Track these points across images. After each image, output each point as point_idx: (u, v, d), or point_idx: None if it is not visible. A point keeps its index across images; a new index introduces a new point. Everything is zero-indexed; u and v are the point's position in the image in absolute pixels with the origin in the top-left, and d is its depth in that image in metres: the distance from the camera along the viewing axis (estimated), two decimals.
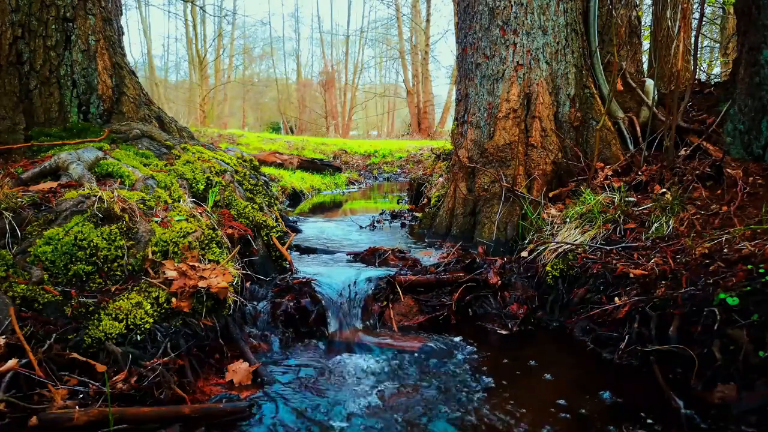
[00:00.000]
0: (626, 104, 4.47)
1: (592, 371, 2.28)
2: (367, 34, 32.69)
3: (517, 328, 2.80)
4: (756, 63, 3.32)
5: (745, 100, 3.44)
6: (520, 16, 4.06)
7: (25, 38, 3.38)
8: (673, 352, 2.12)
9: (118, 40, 3.95)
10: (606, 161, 4.06)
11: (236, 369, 2.17)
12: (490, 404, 1.98)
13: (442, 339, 2.63)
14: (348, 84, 32.02)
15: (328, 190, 10.01)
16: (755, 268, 2.16)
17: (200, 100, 27.01)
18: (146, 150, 3.48)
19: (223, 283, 2.28)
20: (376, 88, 36.58)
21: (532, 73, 4.08)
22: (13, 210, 2.25)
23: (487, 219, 3.98)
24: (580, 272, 2.88)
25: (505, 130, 4.06)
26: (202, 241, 2.56)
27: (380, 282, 2.97)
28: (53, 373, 1.75)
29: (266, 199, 4.05)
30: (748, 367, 1.85)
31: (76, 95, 3.58)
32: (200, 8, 24.77)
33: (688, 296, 2.24)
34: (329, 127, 29.98)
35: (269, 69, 36.86)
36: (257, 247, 3.20)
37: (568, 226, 3.38)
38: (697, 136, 3.91)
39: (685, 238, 2.79)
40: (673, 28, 5.79)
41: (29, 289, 2.00)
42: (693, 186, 3.34)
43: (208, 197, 3.26)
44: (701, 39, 11.29)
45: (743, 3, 3.56)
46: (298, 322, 2.72)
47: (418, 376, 2.24)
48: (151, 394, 1.82)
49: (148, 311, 2.07)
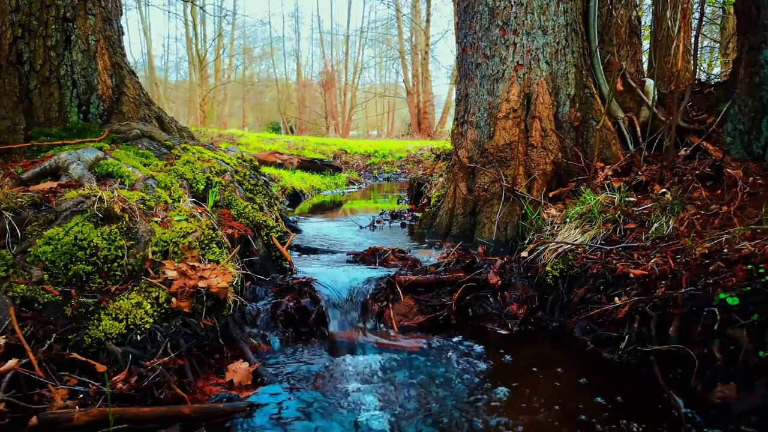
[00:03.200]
0: (626, 104, 4.47)
1: (592, 371, 2.28)
2: (367, 34, 32.72)
3: (517, 328, 2.80)
4: (756, 63, 3.32)
5: (745, 100, 3.44)
6: (520, 16, 4.06)
7: (25, 38, 3.38)
8: (673, 352, 2.12)
9: (118, 40, 3.95)
10: (606, 161, 4.06)
11: (236, 369, 2.17)
12: (490, 404, 1.98)
13: (442, 339, 2.63)
14: (348, 84, 32.02)
15: (328, 190, 10.01)
16: (755, 268, 2.16)
17: (200, 100, 27.01)
18: (146, 150, 3.48)
19: (223, 283, 2.28)
20: (376, 88, 36.59)
21: (532, 73, 4.08)
22: (13, 210, 2.25)
23: (487, 219, 3.98)
24: (580, 272, 2.88)
25: (505, 130, 4.06)
26: (202, 241, 2.56)
27: (380, 282, 2.97)
28: (53, 373, 1.75)
29: (266, 199, 4.05)
30: (748, 367, 1.85)
31: (76, 95, 3.58)
32: (200, 8, 24.78)
33: (688, 296, 2.24)
34: (329, 127, 29.98)
35: (269, 69, 36.90)
36: (257, 247, 3.20)
37: (568, 226, 3.38)
38: (697, 136, 3.91)
39: (685, 238, 2.79)
40: (673, 28, 5.79)
41: (29, 289, 1.99)
42: (693, 186, 3.34)
43: (208, 197, 3.26)
44: (701, 39, 11.29)
45: (743, 3, 3.56)
46: (298, 322, 2.72)
47: (418, 376, 2.24)
48: (151, 394, 1.82)
49: (148, 311, 2.07)
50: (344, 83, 31.98)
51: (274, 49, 35.34)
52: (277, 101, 32.40)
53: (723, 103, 3.95)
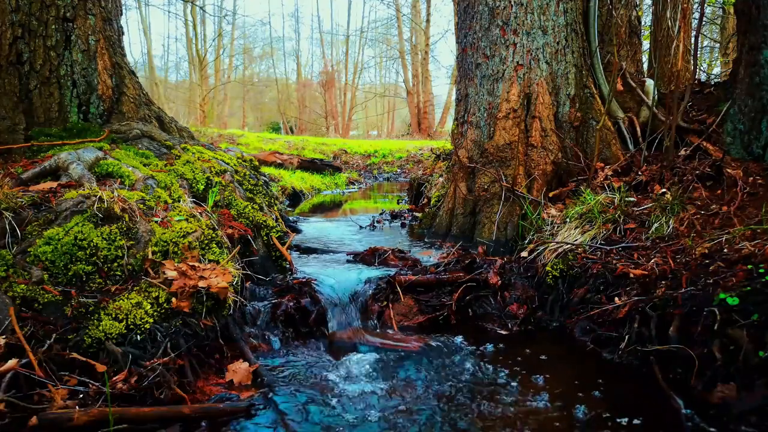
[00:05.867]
0: (626, 104, 4.47)
1: (592, 371, 2.28)
2: (367, 34, 32.69)
3: (517, 328, 2.80)
4: (756, 63, 3.32)
5: (745, 100, 3.44)
6: (520, 16, 4.06)
7: (25, 38, 3.38)
8: (673, 352, 2.12)
9: (118, 40, 3.95)
10: (606, 161, 4.06)
11: (236, 369, 2.17)
12: (490, 404, 1.98)
13: (442, 339, 2.63)
14: (348, 84, 32.01)
15: (328, 190, 10.01)
16: (755, 268, 2.16)
17: (200, 100, 27.00)
18: (146, 150, 3.48)
19: (223, 283, 2.28)
20: (376, 88, 36.58)
21: (532, 73, 4.08)
22: (13, 210, 2.25)
23: (487, 219, 3.98)
24: (580, 272, 2.88)
25: (505, 130, 4.06)
26: (202, 241, 2.56)
27: (380, 282, 2.97)
28: (53, 373, 1.75)
29: (266, 199, 4.05)
30: (748, 367, 1.85)
31: (76, 95, 3.58)
32: (200, 8, 24.77)
33: (688, 296, 2.24)
34: (329, 127, 29.97)
35: (269, 69, 36.88)
36: (257, 247, 3.20)
37: (568, 226, 3.38)
38: (697, 136, 3.91)
39: (685, 238, 2.79)
40: (673, 28, 5.79)
41: (29, 289, 2.00)
42: (693, 186, 3.34)
43: (208, 197, 3.26)
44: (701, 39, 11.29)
45: (743, 3, 3.56)
46: (298, 322, 2.72)
47: (418, 376, 2.24)
48: (151, 394, 1.82)
49: (148, 311, 2.07)
50: (344, 83, 31.97)
51: (274, 49, 35.36)
52: (277, 101, 32.39)
53: (723, 103, 3.95)
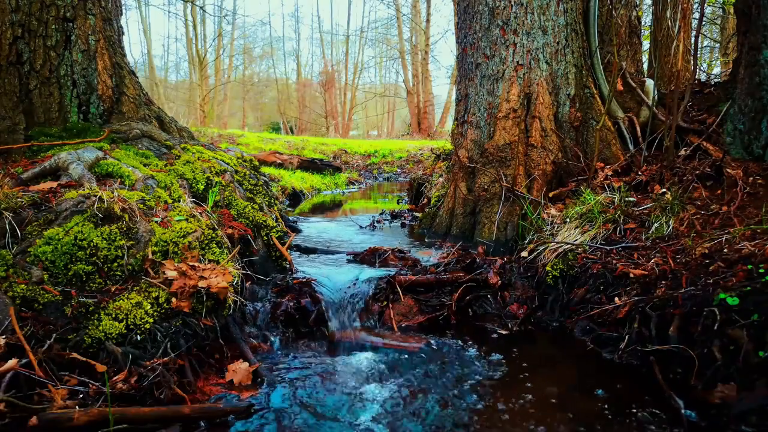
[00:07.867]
0: (626, 104, 4.47)
1: (592, 371, 2.28)
2: (367, 34, 32.69)
3: (517, 328, 2.80)
4: (756, 63, 3.32)
5: (745, 100, 3.44)
6: (520, 16, 4.06)
7: (25, 38, 3.38)
8: (673, 352, 2.12)
9: (118, 40, 3.95)
10: (606, 161, 4.06)
11: (236, 369, 2.17)
12: (490, 404, 1.98)
13: (442, 339, 2.63)
14: (348, 84, 32.01)
15: (328, 190, 10.01)
16: (755, 268, 2.16)
17: (200, 100, 27.00)
18: (146, 150, 3.48)
19: (223, 283, 2.28)
20: (376, 88, 36.58)
21: (532, 73, 4.08)
22: (13, 210, 2.25)
23: (487, 219, 3.98)
24: (580, 272, 2.88)
25: (505, 130, 4.06)
26: (202, 241, 2.56)
27: (380, 282, 2.97)
28: (53, 373, 1.75)
29: (266, 199, 4.05)
30: (748, 367, 1.85)
31: (76, 95, 3.58)
32: (200, 8, 24.75)
33: (688, 296, 2.24)
34: (329, 127, 29.97)
35: (269, 69, 36.89)
36: (257, 247, 3.20)
37: (568, 226, 3.38)
38: (697, 136, 3.91)
39: (685, 238, 2.79)
40: (673, 28, 5.79)
41: (29, 289, 1.99)
42: (693, 186, 3.34)
43: (208, 197, 3.26)
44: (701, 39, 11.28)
45: (743, 3, 3.56)
46: (299, 322, 2.72)
47: (418, 375, 2.24)
48: (151, 394, 1.82)
49: (148, 311, 2.07)
50: (344, 83, 31.98)
51: (274, 49, 35.37)
52: (277, 101, 32.39)
53: (723, 103, 3.95)
